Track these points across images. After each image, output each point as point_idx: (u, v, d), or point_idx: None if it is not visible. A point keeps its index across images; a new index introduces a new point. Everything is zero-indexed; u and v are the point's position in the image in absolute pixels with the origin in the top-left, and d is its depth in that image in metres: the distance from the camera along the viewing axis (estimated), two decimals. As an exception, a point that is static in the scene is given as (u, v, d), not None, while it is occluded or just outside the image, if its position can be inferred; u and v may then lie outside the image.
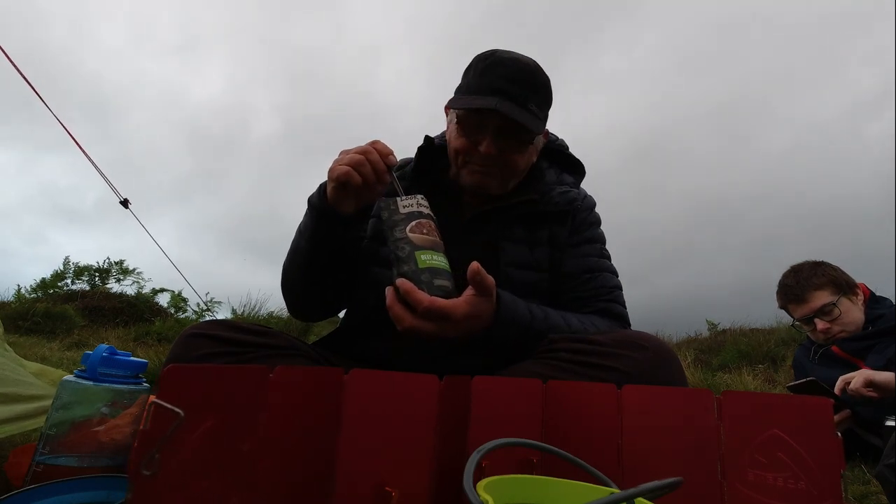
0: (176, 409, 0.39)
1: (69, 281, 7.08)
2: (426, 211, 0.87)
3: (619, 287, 1.10)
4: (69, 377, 0.79)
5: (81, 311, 5.05)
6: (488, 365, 0.92)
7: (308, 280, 1.04)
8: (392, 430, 0.55)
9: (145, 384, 0.84)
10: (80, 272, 7.21)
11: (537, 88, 1.02)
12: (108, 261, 7.44)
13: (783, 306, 1.93)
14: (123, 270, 7.42)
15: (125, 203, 3.40)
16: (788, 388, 1.69)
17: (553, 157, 1.22)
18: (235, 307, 5.56)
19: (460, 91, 1.07)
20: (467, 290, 0.80)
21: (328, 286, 1.06)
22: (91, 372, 0.78)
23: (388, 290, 0.80)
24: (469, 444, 0.62)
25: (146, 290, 6.86)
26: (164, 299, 6.52)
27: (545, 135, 1.15)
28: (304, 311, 1.13)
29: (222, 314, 6.01)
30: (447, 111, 1.12)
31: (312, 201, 0.97)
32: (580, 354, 0.83)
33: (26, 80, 2.65)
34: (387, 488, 0.52)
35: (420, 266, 0.80)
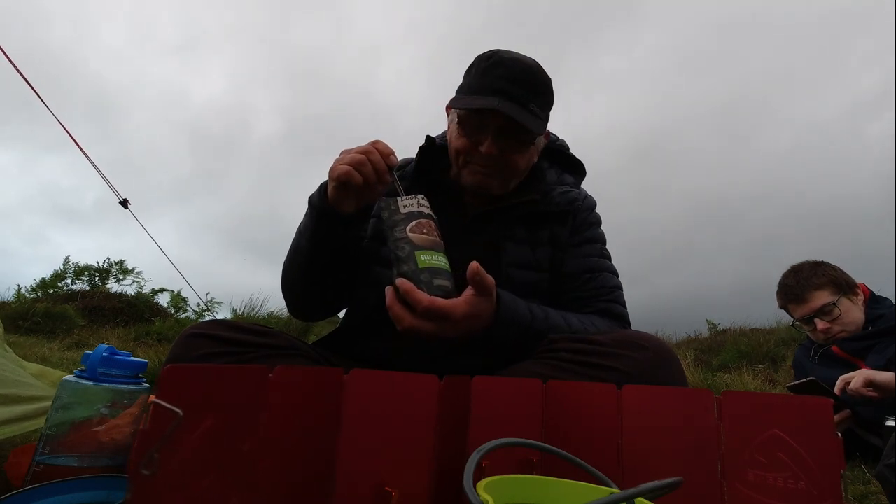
0: (175, 409, 0.39)
1: (69, 281, 7.09)
2: (426, 211, 0.87)
3: (619, 287, 1.10)
4: (69, 377, 0.79)
5: (81, 311, 5.05)
6: (488, 365, 0.92)
7: (308, 280, 1.04)
8: (392, 430, 0.54)
9: (145, 384, 0.84)
10: (80, 272, 7.21)
11: (538, 89, 1.02)
12: (108, 261, 7.45)
13: (783, 306, 1.93)
14: (123, 270, 7.43)
15: (125, 203, 3.40)
16: (788, 388, 1.69)
17: (554, 158, 1.22)
18: (235, 307, 5.57)
19: (461, 91, 1.07)
20: (467, 290, 0.80)
21: (328, 286, 1.06)
22: (91, 372, 0.78)
23: (388, 289, 0.80)
24: (469, 444, 0.62)
25: (146, 290, 6.87)
26: (164, 299, 6.53)
27: (546, 135, 1.15)
28: (305, 310, 1.13)
29: (222, 314, 6.02)
30: (448, 111, 1.12)
31: (313, 201, 0.97)
32: (580, 354, 0.83)
33: (26, 81, 2.65)
34: (387, 488, 0.52)
35: (420, 266, 0.80)
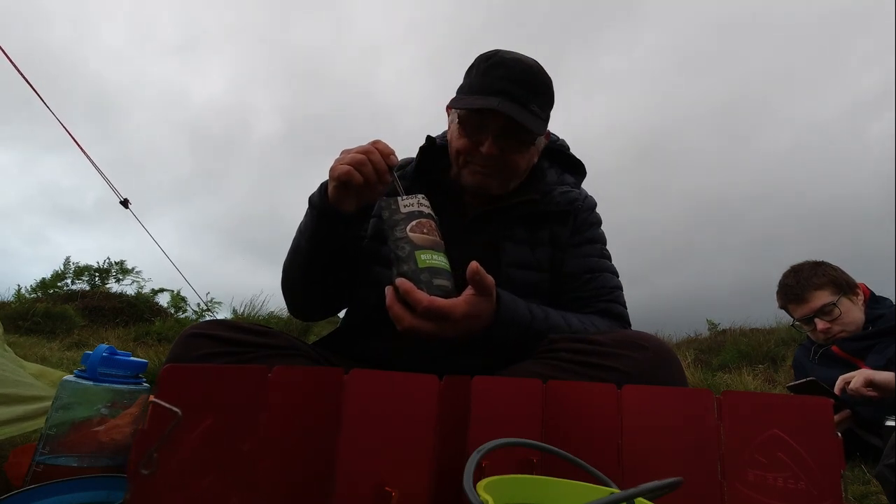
0: (174, 409, 0.39)
1: (69, 281, 7.09)
2: (427, 210, 0.87)
3: (619, 287, 1.10)
4: (69, 377, 0.79)
5: (81, 311, 5.05)
6: (488, 365, 0.92)
7: (308, 279, 1.04)
8: (392, 430, 0.54)
9: (145, 384, 0.84)
10: (80, 272, 7.21)
11: (539, 89, 1.02)
12: (108, 261, 7.45)
13: (783, 306, 1.93)
14: (123, 270, 7.43)
15: (125, 203, 3.40)
16: (788, 388, 1.69)
17: (554, 158, 1.22)
18: (236, 307, 5.57)
19: (462, 91, 1.06)
20: (467, 290, 0.80)
21: (329, 285, 1.06)
22: (91, 372, 0.78)
23: (388, 289, 0.80)
24: (469, 444, 0.62)
25: (146, 290, 6.87)
26: (163, 299, 6.53)
27: (547, 135, 1.15)
28: (305, 310, 1.13)
29: (222, 314, 6.02)
30: (449, 111, 1.11)
31: (313, 200, 0.97)
32: (580, 354, 0.83)
33: (26, 80, 2.65)
34: (387, 488, 0.52)
35: (420, 266, 0.80)
